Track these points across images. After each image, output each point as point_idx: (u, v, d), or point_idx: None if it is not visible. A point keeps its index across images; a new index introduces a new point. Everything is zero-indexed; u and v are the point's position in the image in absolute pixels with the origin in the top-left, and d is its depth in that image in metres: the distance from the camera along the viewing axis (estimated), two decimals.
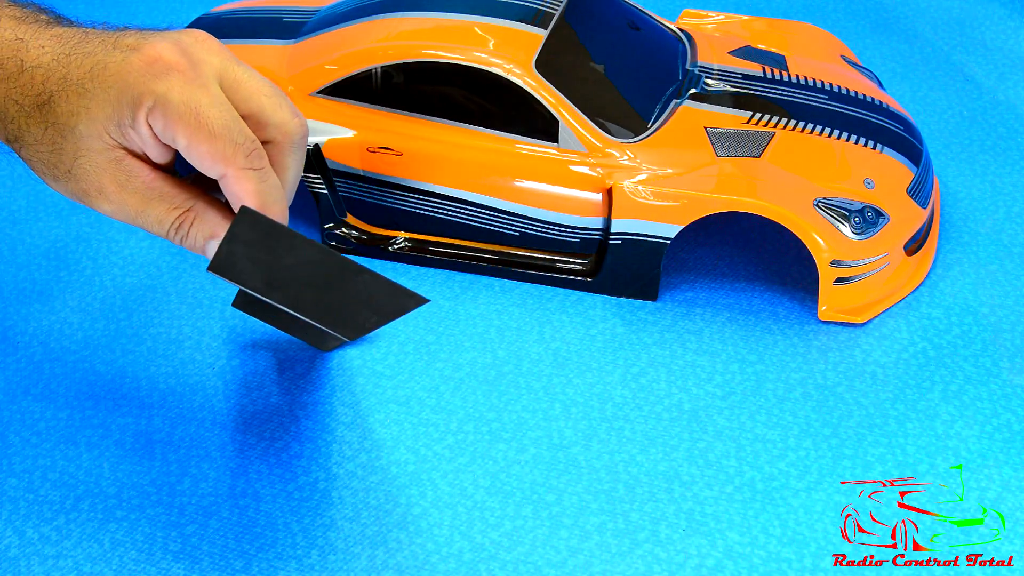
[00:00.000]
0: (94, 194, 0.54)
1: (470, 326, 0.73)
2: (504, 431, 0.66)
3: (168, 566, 0.58)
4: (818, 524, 0.60)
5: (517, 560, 0.58)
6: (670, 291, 0.76)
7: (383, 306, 0.44)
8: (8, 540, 0.60)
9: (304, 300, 0.44)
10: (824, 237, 0.70)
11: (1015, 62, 1.00)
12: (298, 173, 0.57)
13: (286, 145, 0.55)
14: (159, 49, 0.51)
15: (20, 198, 0.84)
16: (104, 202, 0.54)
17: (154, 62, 0.50)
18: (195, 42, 0.53)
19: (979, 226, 0.81)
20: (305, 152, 0.57)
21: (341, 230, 0.79)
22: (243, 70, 0.54)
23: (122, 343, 0.72)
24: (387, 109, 0.76)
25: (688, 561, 0.58)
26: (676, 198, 0.71)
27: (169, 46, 0.51)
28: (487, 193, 0.75)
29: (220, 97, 0.51)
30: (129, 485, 0.63)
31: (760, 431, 0.66)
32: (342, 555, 0.59)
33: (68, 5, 1.11)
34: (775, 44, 0.85)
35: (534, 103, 0.73)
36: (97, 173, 0.53)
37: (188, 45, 0.52)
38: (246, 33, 0.83)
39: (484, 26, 0.75)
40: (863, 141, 0.76)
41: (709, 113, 0.75)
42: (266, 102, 0.54)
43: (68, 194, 0.55)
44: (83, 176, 0.53)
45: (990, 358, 0.70)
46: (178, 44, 0.52)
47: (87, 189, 0.54)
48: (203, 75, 0.51)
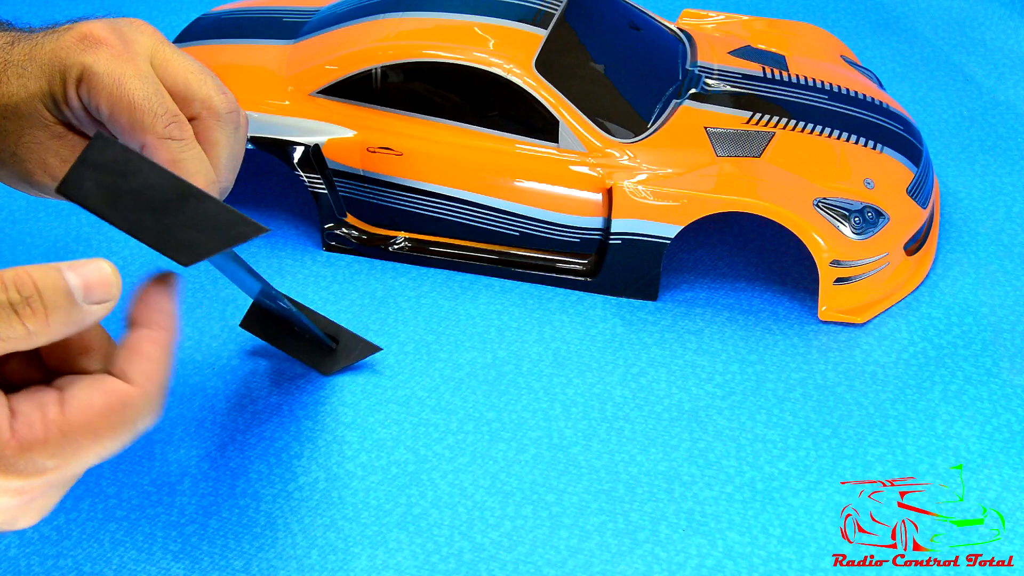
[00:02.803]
0: (39, 173, 0.54)
1: (470, 326, 0.73)
2: (504, 431, 0.66)
3: (168, 566, 0.58)
4: (818, 524, 0.60)
5: (517, 560, 0.58)
6: (670, 291, 0.76)
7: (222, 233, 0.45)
8: (8, 540, 0.60)
9: (143, 223, 0.45)
10: (824, 237, 0.70)
11: (1015, 62, 1.00)
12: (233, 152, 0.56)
13: (211, 120, 0.55)
14: (91, 27, 0.53)
15: (20, 198, 0.84)
16: (49, 180, 0.55)
17: (85, 37, 0.52)
18: (129, 24, 0.54)
19: (979, 226, 0.81)
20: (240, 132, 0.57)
21: (341, 230, 0.79)
22: (172, 50, 0.55)
23: None
24: (387, 109, 0.76)
25: (688, 561, 0.58)
26: (676, 198, 0.71)
27: (101, 25, 0.53)
28: (487, 193, 0.75)
29: (146, 71, 0.52)
30: (129, 485, 0.63)
31: (760, 431, 0.66)
32: (342, 555, 0.59)
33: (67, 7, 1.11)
34: (775, 44, 0.85)
35: (534, 103, 0.73)
36: (40, 150, 0.54)
37: (121, 25, 0.54)
38: (246, 33, 0.83)
39: (484, 26, 0.75)
40: (863, 141, 0.76)
41: (709, 113, 0.75)
42: (192, 78, 0.54)
43: (15, 179, 0.55)
44: (27, 155, 0.54)
45: (990, 358, 0.70)
46: (110, 24, 0.53)
47: (32, 169, 0.54)
48: (132, 51, 0.52)
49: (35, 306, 0.40)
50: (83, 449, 0.41)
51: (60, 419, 0.40)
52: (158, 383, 0.43)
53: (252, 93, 0.77)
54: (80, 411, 0.41)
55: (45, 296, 0.40)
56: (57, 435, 0.40)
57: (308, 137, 0.76)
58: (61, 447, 0.40)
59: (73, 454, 0.41)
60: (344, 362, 0.70)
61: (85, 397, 0.41)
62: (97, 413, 0.41)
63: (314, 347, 0.69)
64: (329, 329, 0.69)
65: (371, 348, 0.70)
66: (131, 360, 0.43)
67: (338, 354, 0.70)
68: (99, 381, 0.42)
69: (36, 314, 0.40)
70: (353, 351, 0.70)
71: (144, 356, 0.43)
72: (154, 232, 0.45)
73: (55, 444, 0.40)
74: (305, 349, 0.69)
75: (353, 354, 0.70)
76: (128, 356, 0.43)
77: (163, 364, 0.43)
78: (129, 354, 0.43)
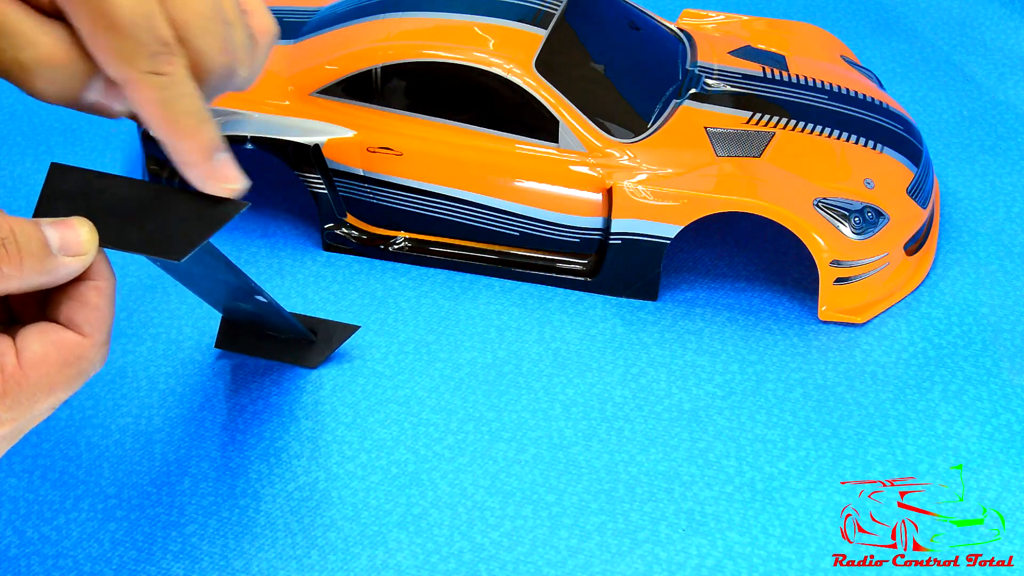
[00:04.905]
0: None
1: (470, 326, 0.73)
2: (504, 431, 0.66)
3: (168, 566, 0.58)
4: (818, 524, 0.60)
5: (517, 560, 0.58)
6: (670, 291, 0.76)
7: (205, 219, 0.45)
8: (8, 540, 0.60)
9: (127, 237, 0.45)
10: (824, 237, 0.70)
11: (1015, 62, 1.00)
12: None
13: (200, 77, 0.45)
14: None
15: (20, 198, 0.84)
16: None
17: None
18: None
19: (979, 226, 0.81)
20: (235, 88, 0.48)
21: (341, 230, 0.79)
22: None
23: (122, 343, 0.72)
24: (387, 109, 0.76)
25: (688, 561, 0.58)
26: (676, 198, 0.71)
27: None
28: (487, 193, 0.75)
29: None
30: (129, 485, 0.63)
31: (760, 431, 0.66)
32: (342, 555, 0.59)
33: None
34: (775, 44, 0.85)
35: (534, 103, 0.73)
36: None
37: None
38: None
39: (484, 26, 0.75)
40: (863, 141, 0.76)
41: (709, 113, 0.75)
42: (193, 21, 0.45)
43: None
44: None
45: (990, 358, 0.70)
46: None
47: None
48: None
49: (10, 248, 0.40)
50: (39, 401, 0.42)
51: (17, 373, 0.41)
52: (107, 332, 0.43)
53: (252, 93, 0.77)
54: (36, 365, 0.41)
55: (20, 240, 0.40)
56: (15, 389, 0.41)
57: (308, 137, 0.76)
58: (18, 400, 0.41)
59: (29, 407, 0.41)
60: (327, 351, 0.70)
61: (40, 350, 0.41)
62: (53, 366, 0.41)
63: (293, 344, 0.70)
64: (304, 323, 0.70)
65: (350, 329, 0.70)
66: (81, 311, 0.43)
67: (319, 344, 0.70)
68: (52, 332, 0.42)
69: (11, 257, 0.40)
70: (333, 337, 0.70)
71: (91, 306, 0.43)
72: (141, 241, 0.45)
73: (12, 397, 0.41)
74: (285, 349, 0.70)
75: (333, 340, 0.70)
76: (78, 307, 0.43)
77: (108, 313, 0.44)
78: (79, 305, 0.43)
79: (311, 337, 0.69)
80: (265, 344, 0.69)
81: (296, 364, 0.69)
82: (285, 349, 0.69)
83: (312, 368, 0.69)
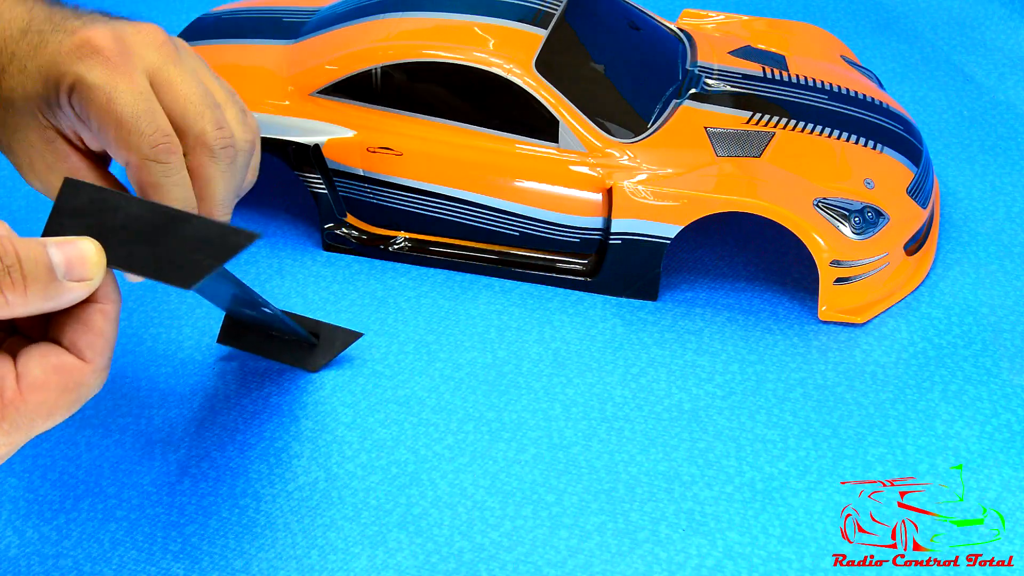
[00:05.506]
0: (26, 168, 0.55)
1: (470, 326, 0.73)
2: (504, 431, 0.66)
3: (168, 566, 0.58)
4: (818, 524, 0.60)
5: (517, 560, 0.58)
6: (670, 291, 0.76)
7: (215, 248, 0.45)
8: (8, 540, 0.60)
9: (136, 258, 0.44)
10: (824, 237, 0.70)
11: (1015, 62, 1.00)
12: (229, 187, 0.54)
13: (204, 156, 0.53)
14: (92, 33, 0.51)
15: (20, 198, 0.84)
16: (34, 179, 0.55)
17: (83, 45, 0.50)
18: (136, 33, 0.52)
19: (979, 226, 0.81)
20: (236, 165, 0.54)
21: (341, 230, 0.79)
22: (179, 73, 0.52)
23: (122, 343, 0.72)
24: (387, 109, 0.76)
25: (688, 561, 0.58)
26: (676, 198, 0.71)
27: (105, 32, 0.51)
28: (487, 193, 0.75)
29: (141, 88, 0.50)
30: (129, 485, 0.63)
31: (760, 431, 0.66)
32: (342, 555, 0.59)
33: None
34: (775, 44, 0.85)
35: (534, 103, 0.73)
36: (28, 150, 0.54)
37: (127, 35, 0.52)
38: (246, 33, 0.83)
39: (484, 26, 0.75)
40: (863, 141, 0.76)
41: (709, 113, 0.75)
42: (190, 110, 0.52)
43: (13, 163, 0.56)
44: (18, 150, 0.54)
45: (990, 358, 0.70)
46: (114, 31, 0.51)
47: (20, 163, 0.55)
48: (130, 64, 0.51)
49: (15, 276, 0.40)
50: (36, 426, 0.42)
51: (17, 398, 0.41)
52: (108, 356, 0.44)
53: (252, 93, 0.77)
54: (36, 390, 0.41)
55: (26, 267, 0.40)
56: (13, 413, 0.41)
57: (308, 137, 0.76)
58: (16, 425, 0.41)
59: (27, 431, 0.42)
60: (328, 355, 0.70)
61: (41, 375, 0.41)
62: (53, 392, 0.42)
63: (295, 346, 0.70)
64: (308, 326, 0.70)
65: (352, 336, 0.70)
66: (85, 335, 0.43)
67: (320, 348, 0.70)
68: (53, 355, 0.42)
69: (15, 284, 0.40)
70: (335, 342, 0.70)
71: (95, 330, 0.43)
72: (150, 264, 0.45)
73: (10, 422, 0.41)
74: (287, 350, 0.69)
75: (336, 345, 0.70)
76: (82, 331, 0.43)
77: (112, 337, 0.44)
78: (83, 328, 0.43)
79: (313, 341, 0.69)
80: (267, 343, 0.69)
81: (297, 366, 0.70)
82: (286, 350, 0.69)
83: (312, 372, 0.69)
